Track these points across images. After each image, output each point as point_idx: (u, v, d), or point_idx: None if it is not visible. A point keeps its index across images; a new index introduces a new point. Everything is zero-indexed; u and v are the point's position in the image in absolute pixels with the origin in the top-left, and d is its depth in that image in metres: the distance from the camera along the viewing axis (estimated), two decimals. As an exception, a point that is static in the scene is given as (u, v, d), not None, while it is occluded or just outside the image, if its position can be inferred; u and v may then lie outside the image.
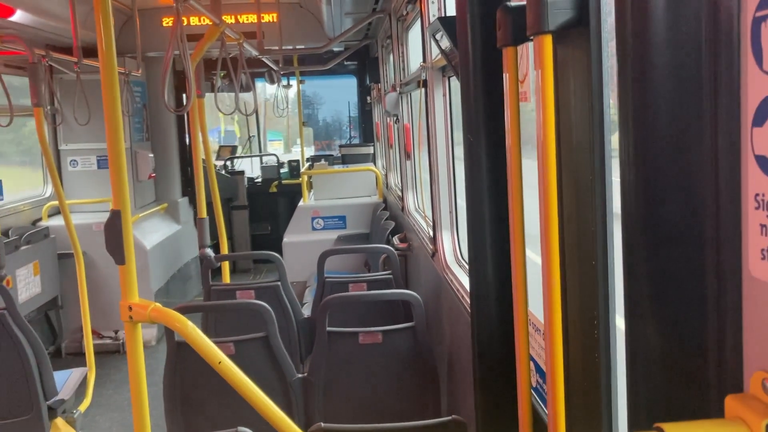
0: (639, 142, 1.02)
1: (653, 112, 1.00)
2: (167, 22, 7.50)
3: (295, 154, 13.65)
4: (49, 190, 7.25)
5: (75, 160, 7.42)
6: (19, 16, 5.31)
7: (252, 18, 7.22)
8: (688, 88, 0.96)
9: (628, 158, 1.04)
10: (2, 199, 6.29)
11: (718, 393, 0.94)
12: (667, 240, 0.99)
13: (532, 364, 1.95)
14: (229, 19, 6.94)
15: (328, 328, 3.39)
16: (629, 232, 1.05)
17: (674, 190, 0.98)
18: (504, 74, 1.59)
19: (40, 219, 6.96)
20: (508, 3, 1.55)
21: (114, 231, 2.20)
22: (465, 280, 3.25)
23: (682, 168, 0.97)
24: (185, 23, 5.99)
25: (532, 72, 1.82)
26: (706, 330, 0.94)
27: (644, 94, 1.01)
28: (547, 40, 1.32)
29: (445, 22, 2.34)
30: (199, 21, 6.63)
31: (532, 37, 1.37)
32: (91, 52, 5.85)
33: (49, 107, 6.42)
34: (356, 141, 11.97)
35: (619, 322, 1.31)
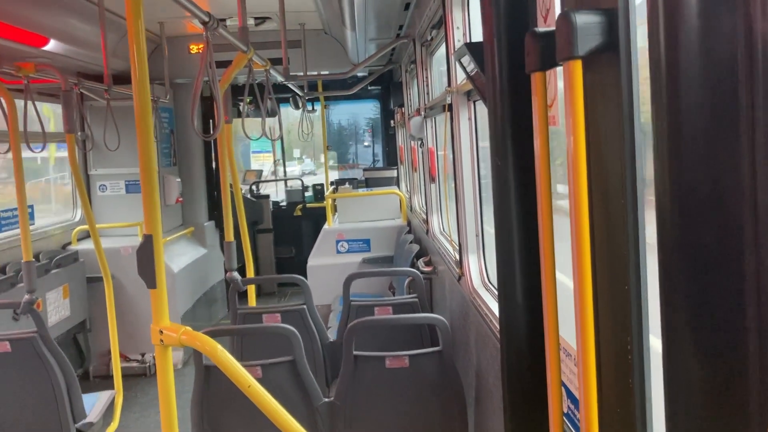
0: (674, 166, 1.02)
1: (688, 137, 1.00)
2: (194, 49, 7.65)
3: (289, 171, 13.39)
4: (78, 214, 7.37)
5: (104, 185, 7.56)
6: (52, 45, 5.46)
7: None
8: (724, 110, 0.96)
9: (663, 182, 1.04)
10: (33, 224, 6.41)
11: (761, 423, 0.92)
12: (706, 264, 0.98)
13: (563, 389, 1.93)
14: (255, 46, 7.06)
15: (355, 352, 3.39)
16: (666, 257, 1.05)
17: (712, 213, 0.97)
18: (532, 98, 1.60)
19: (69, 243, 7.08)
20: (536, 29, 1.56)
21: (146, 255, 2.23)
22: (492, 304, 3.23)
23: (719, 191, 0.96)
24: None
25: (560, 95, 1.82)
26: (748, 357, 0.93)
27: (678, 119, 1.01)
28: (577, 66, 1.33)
29: (472, 47, 2.36)
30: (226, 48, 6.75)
31: (561, 63, 1.38)
32: (119, 79, 5.99)
33: (79, 133, 6.57)
34: (372, 153, 12.05)
35: (653, 344, 1.29)
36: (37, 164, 7.52)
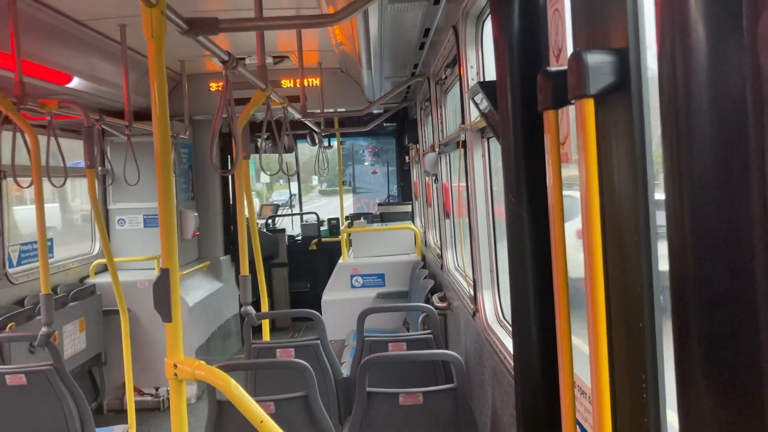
0: (686, 202, 1.03)
1: (700, 174, 1.01)
2: (213, 87, 7.79)
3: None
4: (96, 248, 7.45)
5: (122, 219, 7.65)
6: (75, 82, 5.59)
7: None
8: (735, 148, 0.97)
9: (675, 219, 1.05)
10: (53, 257, 6.48)
11: (777, 461, 0.91)
12: (718, 300, 0.99)
13: (578, 427, 1.91)
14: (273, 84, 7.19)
15: (368, 388, 3.37)
16: (678, 294, 1.05)
17: (724, 249, 0.98)
18: (545, 135, 1.62)
19: (87, 276, 7.14)
20: (548, 68, 1.59)
21: (163, 289, 2.25)
22: (507, 341, 3.21)
23: (731, 227, 0.97)
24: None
25: (572, 133, 1.84)
26: (764, 393, 0.92)
27: (690, 156, 1.02)
28: (589, 104, 1.35)
29: (486, 86, 2.40)
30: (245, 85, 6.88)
31: (573, 101, 1.40)
32: (140, 115, 6.11)
33: (100, 168, 6.68)
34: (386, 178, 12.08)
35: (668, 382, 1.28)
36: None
